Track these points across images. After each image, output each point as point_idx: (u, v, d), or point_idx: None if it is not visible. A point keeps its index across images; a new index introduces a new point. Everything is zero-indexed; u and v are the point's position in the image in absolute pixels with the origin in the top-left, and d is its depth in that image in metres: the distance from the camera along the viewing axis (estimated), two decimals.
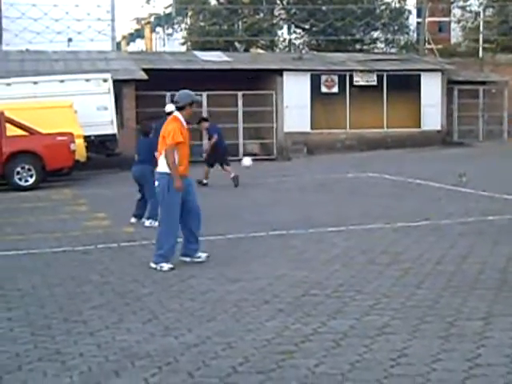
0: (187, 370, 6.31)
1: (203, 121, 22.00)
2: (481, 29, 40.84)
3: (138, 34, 79.20)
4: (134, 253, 12.03)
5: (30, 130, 22.76)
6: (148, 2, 48.62)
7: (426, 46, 39.69)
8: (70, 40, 39.57)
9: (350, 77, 33.08)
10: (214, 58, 33.89)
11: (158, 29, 65.48)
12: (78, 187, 22.72)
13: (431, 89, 33.76)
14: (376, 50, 41.82)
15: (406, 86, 33.44)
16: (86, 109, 25.17)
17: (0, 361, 6.80)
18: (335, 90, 32.99)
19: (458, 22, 47.00)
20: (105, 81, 27.16)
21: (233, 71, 31.46)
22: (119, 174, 24.52)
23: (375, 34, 43.48)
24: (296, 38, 44.04)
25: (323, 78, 32.90)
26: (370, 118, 33.03)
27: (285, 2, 43.75)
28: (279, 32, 44.46)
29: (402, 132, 33.20)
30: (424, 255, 10.75)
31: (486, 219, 13.88)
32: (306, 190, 20.13)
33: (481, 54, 39.20)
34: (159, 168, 10.64)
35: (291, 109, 32.13)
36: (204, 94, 29.51)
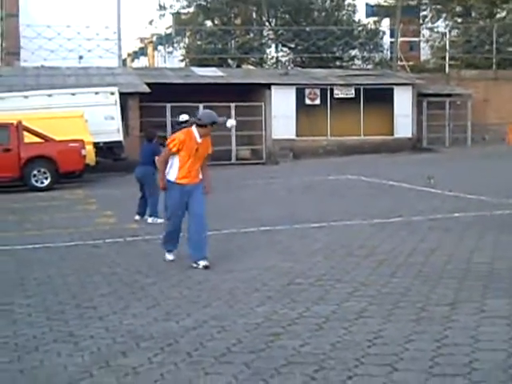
0: (186, 351, 6.30)
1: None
2: (447, 47, 40.91)
3: (141, 52, 79.10)
4: (138, 247, 12.03)
5: (45, 138, 22.77)
6: (150, 23, 48.72)
7: (399, 62, 39.77)
8: (80, 57, 39.51)
9: (331, 90, 33.14)
10: (210, 73, 33.91)
11: (160, 47, 65.36)
12: (89, 188, 22.70)
13: (403, 101, 33.85)
14: (354, 67, 41.90)
15: (380, 98, 33.47)
16: (95, 118, 25.19)
17: (19, 342, 6.78)
18: (317, 101, 33.05)
19: (427, 41, 47.37)
20: (112, 94, 27.18)
21: (226, 85, 31.49)
22: (125, 176, 24.42)
23: (353, 52, 43.68)
24: (283, 56, 44.16)
25: (307, 91, 32.95)
26: (348, 127, 33.07)
27: (273, 24, 43.90)
28: (268, 50, 44.55)
29: (377, 139, 33.26)
30: (397, 248, 10.76)
31: (452, 216, 13.90)
32: (292, 191, 20.14)
33: (447, 70, 39.26)
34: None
35: (278, 118, 32.20)
36: (200, 106, 29.46)
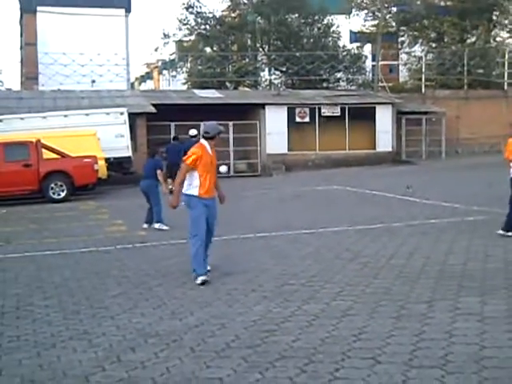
0: (189, 346, 6.30)
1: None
2: (423, 70, 40.98)
3: (148, 76, 79.36)
4: (146, 252, 12.02)
5: (62, 154, 22.78)
6: (156, 50, 48.91)
7: (379, 84, 39.79)
8: (93, 81, 39.52)
9: (319, 109, 33.14)
10: (210, 95, 33.91)
11: (164, 72, 65.49)
12: (101, 199, 22.67)
13: (384, 118, 33.86)
14: (339, 88, 41.89)
15: (363, 116, 33.47)
16: (107, 136, 25.19)
17: (38, 340, 6.78)
18: (307, 119, 33.03)
19: (405, 64, 47.53)
20: (121, 114, 27.19)
21: (224, 105, 31.45)
22: (134, 188, 24.35)
23: (338, 74, 43.65)
24: (275, 78, 44.15)
25: (297, 110, 32.94)
26: (334, 142, 33.05)
27: (266, 50, 43.94)
28: (261, 73, 44.55)
29: (361, 153, 33.26)
30: (379, 252, 10.77)
31: (429, 222, 13.92)
32: (284, 200, 20.14)
33: (423, 90, 39.31)
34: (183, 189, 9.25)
35: (272, 135, 32.19)
36: (202, 124, 29.45)
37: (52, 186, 22.24)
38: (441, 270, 9.15)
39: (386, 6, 44.66)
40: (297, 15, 43.81)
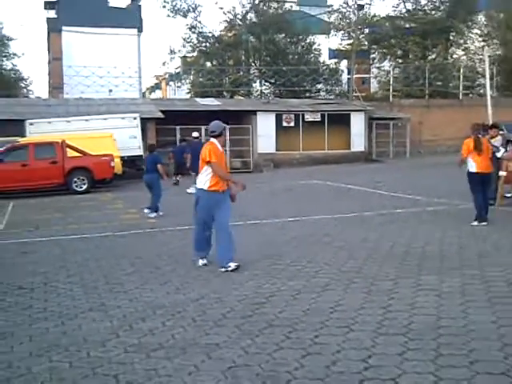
0: (191, 317, 6.30)
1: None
2: (391, 82, 41.03)
3: (157, 87, 79.23)
4: (155, 237, 12.00)
5: (84, 153, 22.73)
6: (164, 64, 48.67)
7: (354, 94, 39.82)
8: (110, 91, 39.37)
9: (302, 115, 33.08)
10: (209, 103, 33.83)
11: (171, 83, 65.46)
12: (117, 191, 22.61)
13: (357, 123, 33.85)
14: (320, 97, 41.91)
15: (340, 121, 33.42)
16: (122, 138, 25.16)
17: (62, 311, 6.77)
18: (292, 124, 32.95)
19: (375, 77, 47.57)
20: (134, 118, 27.17)
21: (222, 111, 31.28)
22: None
23: (319, 86, 43.73)
24: (265, 89, 44.14)
25: (284, 116, 32.86)
26: (316, 143, 33.02)
27: (257, 64, 43.89)
28: (254, 85, 44.53)
29: (338, 152, 33.23)
30: (353, 237, 10.76)
31: (396, 211, 13.92)
32: (273, 193, 20.13)
33: (391, 99, 39.33)
34: (198, 185, 8.66)
35: (262, 137, 32.15)
36: (202, 128, 29.46)
37: (75, 179, 22.22)
38: (405, 252, 9.17)
39: (359, 27, 44.73)
40: (284, 35, 43.93)
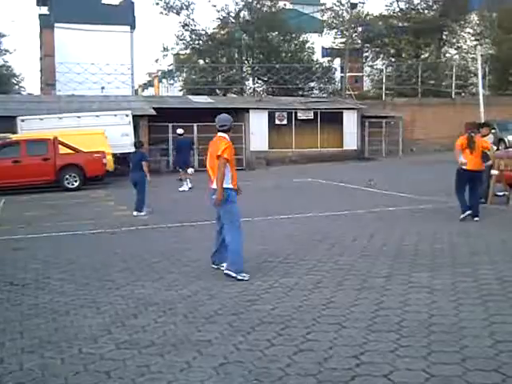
0: (183, 313, 6.30)
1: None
2: (383, 80, 41.06)
3: (149, 84, 79.05)
4: (147, 234, 11.97)
5: (75, 150, 22.64)
6: (156, 61, 48.78)
7: (347, 92, 39.86)
8: (102, 88, 39.24)
9: (295, 113, 33.11)
10: (202, 100, 33.78)
11: (163, 80, 65.34)
12: (108, 188, 22.53)
13: (350, 121, 33.90)
14: (312, 95, 41.89)
15: (333, 119, 33.47)
16: (114, 135, 25.05)
17: (54, 307, 6.74)
18: (285, 122, 32.97)
19: (368, 76, 47.69)
20: (127, 116, 27.07)
21: (215, 109, 31.13)
22: None
23: (312, 84, 43.69)
24: (258, 87, 44.05)
25: (276, 114, 32.87)
26: (308, 141, 33.07)
27: (250, 62, 43.84)
28: (246, 82, 44.47)
29: (330, 150, 33.28)
30: (345, 234, 10.79)
31: (387, 210, 13.95)
32: (266, 190, 20.11)
33: (383, 98, 39.41)
34: (213, 185, 7.80)
35: (255, 135, 32.12)
36: (195, 125, 29.53)
37: (67, 176, 22.13)
38: (397, 250, 9.20)
39: (352, 26, 44.75)
40: (277, 33, 43.87)
